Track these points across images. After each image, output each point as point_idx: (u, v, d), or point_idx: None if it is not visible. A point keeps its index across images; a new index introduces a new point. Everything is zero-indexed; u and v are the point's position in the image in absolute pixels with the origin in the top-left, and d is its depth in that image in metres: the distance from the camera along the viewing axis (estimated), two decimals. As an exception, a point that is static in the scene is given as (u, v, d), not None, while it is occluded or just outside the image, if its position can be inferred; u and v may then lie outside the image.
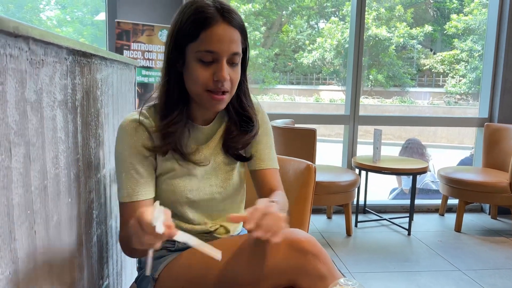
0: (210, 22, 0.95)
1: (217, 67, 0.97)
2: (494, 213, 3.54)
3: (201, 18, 0.96)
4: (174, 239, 0.82)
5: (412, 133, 10.11)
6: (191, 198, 1.09)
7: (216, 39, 0.95)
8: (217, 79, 0.97)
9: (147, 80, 2.94)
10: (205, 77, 0.97)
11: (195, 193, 1.09)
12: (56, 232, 0.81)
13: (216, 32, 0.95)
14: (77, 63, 0.93)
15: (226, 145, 1.12)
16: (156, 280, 1.08)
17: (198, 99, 1.02)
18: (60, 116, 0.82)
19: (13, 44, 0.61)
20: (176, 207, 1.10)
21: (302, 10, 13.78)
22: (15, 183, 0.62)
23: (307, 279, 0.93)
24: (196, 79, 0.98)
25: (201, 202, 1.10)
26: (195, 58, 0.97)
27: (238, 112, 1.11)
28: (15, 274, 0.63)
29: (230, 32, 0.97)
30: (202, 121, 1.10)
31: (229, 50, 0.97)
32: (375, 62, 13.59)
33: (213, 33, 0.95)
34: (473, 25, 12.61)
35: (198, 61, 0.97)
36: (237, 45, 0.99)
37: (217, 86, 0.98)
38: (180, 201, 1.08)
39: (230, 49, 0.97)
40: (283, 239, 0.96)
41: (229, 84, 0.99)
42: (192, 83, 1.00)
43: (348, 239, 3.00)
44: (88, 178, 1.05)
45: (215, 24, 0.96)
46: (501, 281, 2.38)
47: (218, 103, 1.00)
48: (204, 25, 0.96)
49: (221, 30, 0.96)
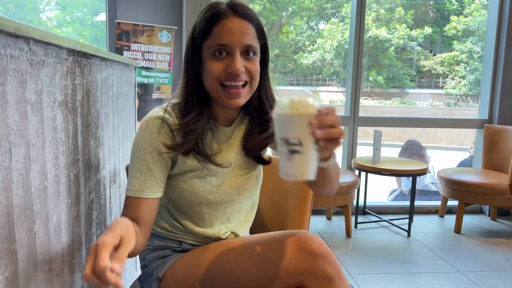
0: (221, 17, 0.96)
1: (230, 60, 0.96)
2: (494, 215, 3.54)
3: (213, 14, 0.97)
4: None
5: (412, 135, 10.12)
6: (210, 199, 1.08)
7: (227, 31, 0.95)
8: (231, 71, 0.95)
9: (147, 81, 2.94)
10: (218, 70, 0.96)
11: (214, 195, 1.08)
12: (56, 233, 0.81)
13: (228, 25, 0.96)
14: (78, 64, 0.93)
15: (246, 146, 1.10)
16: (161, 279, 1.08)
17: (215, 95, 1.00)
18: (60, 116, 0.82)
19: (14, 44, 0.60)
20: (194, 207, 1.09)
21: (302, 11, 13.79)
22: (15, 184, 0.62)
23: (315, 281, 0.93)
24: (210, 74, 0.98)
25: (219, 203, 1.10)
26: (210, 54, 0.98)
27: (259, 112, 1.08)
28: (14, 275, 0.63)
29: (242, 24, 0.97)
30: (224, 122, 1.09)
31: (241, 42, 0.96)
32: (375, 64, 13.60)
33: (224, 26, 0.96)
34: (472, 27, 12.62)
35: (212, 56, 0.97)
36: (250, 38, 0.97)
37: (231, 78, 0.96)
38: (199, 201, 1.08)
39: (242, 41, 0.96)
40: (292, 241, 0.96)
41: (246, 75, 0.98)
42: (208, 79, 0.99)
43: (348, 241, 3.00)
44: (88, 179, 1.05)
45: (226, 17, 0.96)
46: (501, 283, 2.38)
47: (235, 98, 0.98)
48: (216, 20, 0.96)
49: (232, 23, 0.96)
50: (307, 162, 0.77)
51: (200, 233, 1.11)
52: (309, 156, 0.76)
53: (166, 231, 1.14)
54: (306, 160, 0.76)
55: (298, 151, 0.75)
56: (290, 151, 0.75)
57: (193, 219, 1.11)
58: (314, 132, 0.74)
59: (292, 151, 0.75)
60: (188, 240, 1.13)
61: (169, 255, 1.12)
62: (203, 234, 1.11)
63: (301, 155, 0.75)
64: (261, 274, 0.96)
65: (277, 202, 1.37)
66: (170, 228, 1.14)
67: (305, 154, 0.76)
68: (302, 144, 0.75)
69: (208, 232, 1.11)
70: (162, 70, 2.97)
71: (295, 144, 0.75)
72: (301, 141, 0.75)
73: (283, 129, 0.76)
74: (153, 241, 1.16)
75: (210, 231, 1.11)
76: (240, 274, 0.98)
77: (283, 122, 0.76)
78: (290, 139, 0.75)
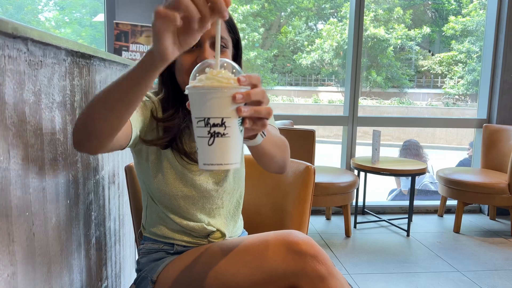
0: None
1: (200, 50, 0.97)
2: (493, 214, 3.54)
3: None
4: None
5: (411, 134, 10.13)
6: (187, 193, 1.09)
7: None
8: (200, 61, 0.94)
9: (145, 81, 2.93)
10: (189, 62, 0.97)
11: (191, 189, 1.09)
12: (55, 234, 0.80)
13: None
14: (76, 64, 0.93)
15: None
16: (155, 282, 1.08)
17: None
18: (58, 117, 0.81)
19: (12, 45, 0.60)
20: (171, 200, 1.10)
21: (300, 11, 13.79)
22: (13, 185, 0.62)
23: (307, 281, 0.93)
24: (180, 67, 0.99)
25: (196, 198, 1.10)
26: None
27: None
28: (13, 276, 0.62)
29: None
30: None
31: (209, 33, 0.96)
32: (374, 64, 13.61)
33: None
34: (470, 27, 12.63)
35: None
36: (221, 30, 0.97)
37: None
38: (175, 194, 1.08)
39: (210, 32, 0.95)
40: (280, 242, 0.96)
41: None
42: (179, 73, 1.00)
43: (347, 240, 3.00)
44: (87, 179, 1.05)
45: None
46: (500, 282, 2.38)
47: None
48: None
49: None
50: (231, 146, 0.64)
51: (185, 227, 1.11)
52: (234, 139, 0.64)
53: (158, 231, 1.14)
54: (231, 143, 0.63)
55: (220, 134, 0.62)
56: (210, 133, 0.62)
57: (174, 211, 1.12)
58: (240, 110, 0.63)
59: (213, 134, 0.62)
60: (179, 241, 1.13)
61: (162, 257, 1.12)
62: (186, 226, 1.11)
63: (224, 138, 0.63)
64: (251, 276, 0.97)
65: (276, 202, 1.37)
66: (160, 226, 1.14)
67: (229, 137, 0.63)
68: (225, 124, 0.62)
69: (190, 225, 1.11)
70: (161, 71, 2.97)
71: (217, 125, 0.62)
72: (224, 121, 0.62)
73: (202, 107, 0.62)
74: (146, 244, 1.16)
75: (192, 224, 1.12)
76: (231, 277, 0.99)
77: (200, 98, 0.62)
78: (210, 119, 0.62)
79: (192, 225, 1.12)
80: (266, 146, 0.88)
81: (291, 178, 1.36)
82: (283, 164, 1.02)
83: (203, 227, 1.12)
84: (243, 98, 0.63)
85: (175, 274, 1.06)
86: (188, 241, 1.14)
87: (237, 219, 1.23)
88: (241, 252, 1.00)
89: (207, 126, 0.62)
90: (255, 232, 1.11)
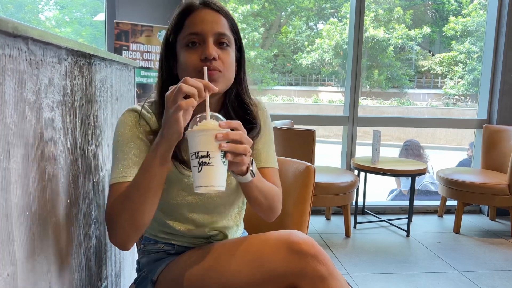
0: (193, 9, 1.00)
1: (203, 47, 0.97)
2: (493, 215, 3.54)
3: (185, 8, 1.00)
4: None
5: (411, 135, 10.13)
6: (190, 200, 1.08)
7: (199, 21, 0.98)
8: (205, 57, 0.96)
9: (146, 81, 2.93)
10: (193, 59, 0.97)
11: (194, 196, 1.07)
12: (55, 234, 0.80)
13: (199, 15, 0.99)
14: (76, 64, 0.93)
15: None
16: (155, 282, 1.08)
17: None
18: (59, 116, 0.81)
19: (12, 44, 0.60)
20: (176, 209, 1.09)
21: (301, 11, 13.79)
22: (13, 184, 0.61)
23: (307, 281, 0.93)
24: (185, 65, 0.98)
25: (200, 205, 1.09)
26: (183, 45, 0.99)
27: (238, 111, 1.08)
28: (13, 275, 0.62)
29: (213, 14, 1.00)
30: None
31: (213, 29, 0.98)
32: (374, 64, 13.60)
33: (196, 16, 0.99)
34: (471, 27, 12.64)
35: (185, 47, 0.99)
36: (222, 26, 0.99)
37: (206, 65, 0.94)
38: (179, 203, 1.07)
39: (213, 28, 0.98)
40: (281, 241, 0.96)
41: (219, 63, 0.97)
42: (183, 71, 0.99)
43: (347, 240, 3.00)
44: (87, 179, 1.05)
45: (197, 9, 1.00)
46: (499, 282, 2.38)
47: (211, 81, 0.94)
48: (188, 13, 1.00)
49: (203, 13, 0.99)
50: (214, 172, 0.82)
51: (186, 233, 1.11)
52: (217, 167, 0.82)
53: (158, 232, 1.14)
54: (214, 170, 0.82)
55: (206, 163, 0.82)
56: (199, 163, 0.82)
57: (177, 218, 1.11)
58: (221, 145, 0.82)
59: (201, 163, 0.82)
60: (179, 242, 1.13)
61: (162, 258, 1.12)
62: (189, 234, 1.11)
63: (209, 166, 0.82)
64: (251, 276, 0.96)
65: (277, 202, 1.37)
66: (161, 228, 1.13)
67: (213, 165, 0.82)
68: (209, 156, 0.82)
69: (193, 232, 1.11)
70: (161, 70, 2.96)
71: (204, 156, 0.82)
72: (209, 154, 0.82)
73: (194, 145, 0.83)
74: (146, 245, 1.16)
75: (195, 231, 1.11)
76: (232, 276, 0.98)
77: (193, 138, 0.83)
78: (199, 152, 0.82)
79: (194, 231, 1.11)
80: (253, 192, 1.00)
81: (291, 178, 1.36)
82: (269, 212, 1.10)
83: (205, 232, 1.12)
84: (223, 137, 0.82)
85: (176, 274, 1.06)
86: (189, 242, 1.14)
87: (239, 223, 1.22)
88: (242, 251, 1.00)
89: (197, 158, 0.82)
90: (255, 232, 1.11)
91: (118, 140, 1.00)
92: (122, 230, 0.92)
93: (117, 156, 0.99)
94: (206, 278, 1.00)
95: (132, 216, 0.91)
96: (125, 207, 0.91)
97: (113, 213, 0.93)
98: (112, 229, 0.94)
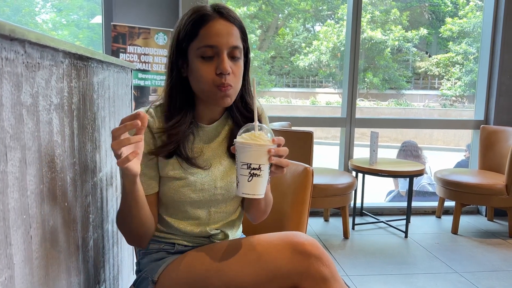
0: (208, 19, 0.99)
1: (218, 61, 0.99)
2: (491, 215, 3.55)
3: (199, 16, 1.00)
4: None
5: (408, 136, 10.15)
6: (194, 198, 1.09)
7: (214, 33, 0.98)
8: (220, 72, 0.98)
9: (143, 83, 2.93)
10: (209, 72, 0.99)
11: (198, 194, 1.09)
12: (52, 237, 0.80)
13: (214, 26, 0.99)
14: (74, 66, 0.93)
15: (230, 146, 1.11)
16: (156, 282, 1.08)
17: (206, 96, 1.03)
18: (56, 119, 0.81)
19: (9, 47, 0.60)
20: (179, 206, 1.10)
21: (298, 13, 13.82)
22: (10, 188, 0.61)
23: (310, 282, 0.93)
24: (200, 77, 1.00)
25: (203, 202, 1.10)
26: (197, 56, 1.00)
27: (243, 113, 1.11)
28: (10, 279, 0.62)
29: (228, 26, 1.00)
30: (207, 121, 1.11)
31: (228, 43, 0.99)
32: (371, 65, 13.63)
33: (211, 28, 0.99)
34: (467, 28, 12.69)
35: (200, 58, 1.00)
36: (236, 39, 1.01)
37: (221, 81, 0.99)
38: (183, 201, 1.08)
39: (229, 42, 0.99)
40: (285, 242, 0.97)
41: (232, 77, 1.00)
42: (198, 82, 1.01)
43: (345, 242, 3.00)
44: (85, 182, 1.04)
45: (212, 20, 0.99)
46: (498, 283, 2.38)
47: (226, 96, 1.01)
48: (202, 22, 0.99)
49: (218, 24, 0.99)
50: (262, 183, 0.92)
51: (187, 232, 1.11)
52: (264, 178, 0.92)
53: (158, 231, 1.14)
54: (262, 181, 0.92)
55: (257, 174, 0.90)
56: (250, 174, 0.90)
57: (178, 216, 1.12)
58: (271, 159, 0.90)
59: (253, 174, 0.90)
60: (180, 241, 1.13)
61: (163, 257, 1.12)
62: (190, 232, 1.12)
63: (259, 178, 0.91)
64: (255, 275, 0.97)
65: (275, 203, 1.37)
66: (161, 227, 1.14)
67: (262, 177, 0.91)
68: (261, 168, 0.90)
69: (195, 231, 1.12)
70: (159, 73, 2.96)
71: (256, 168, 0.90)
72: (260, 166, 0.90)
73: (247, 156, 0.90)
74: (146, 245, 1.16)
75: (196, 229, 1.12)
76: (235, 276, 0.99)
77: (246, 150, 0.90)
78: (252, 164, 0.90)
79: (196, 230, 1.12)
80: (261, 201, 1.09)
81: (289, 180, 1.36)
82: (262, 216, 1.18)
83: (206, 231, 1.12)
84: (274, 152, 0.91)
85: (177, 273, 1.05)
86: (189, 241, 1.14)
87: (239, 223, 1.24)
88: (246, 251, 1.01)
89: (248, 169, 0.90)
90: (253, 234, 1.10)
91: None
92: (131, 236, 1.08)
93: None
94: (210, 278, 1.00)
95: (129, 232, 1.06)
96: (124, 222, 1.04)
97: (118, 224, 1.08)
98: (124, 235, 1.09)
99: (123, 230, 1.08)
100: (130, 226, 1.04)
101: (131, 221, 1.02)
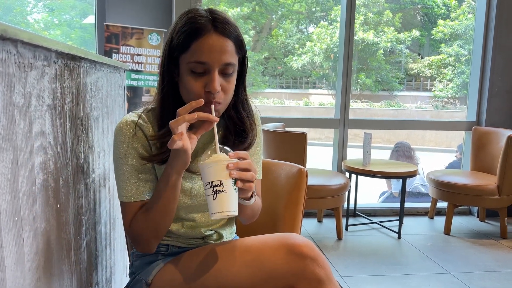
0: (201, 33, 0.95)
1: (208, 78, 0.96)
2: (483, 216, 3.58)
3: (193, 29, 0.95)
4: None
5: (401, 137, 10.19)
6: (188, 203, 1.09)
7: (206, 49, 0.95)
8: (208, 90, 0.96)
9: (136, 84, 2.92)
10: (197, 89, 0.97)
11: (193, 199, 1.09)
12: (45, 239, 0.79)
13: (207, 42, 0.95)
14: (66, 67, 0.92)
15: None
16: (150, 285, 1.07)
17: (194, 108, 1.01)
18: (48, 120, 0.80)
19: (1, 47, 0.59)
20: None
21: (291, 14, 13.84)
22: (2, 189, 0.60)
23: (305, 284, 0.93)
24: (188, 91, 0.98)
25: (197, 206, 1.10)
26: (187, 70, 0.97)
27: (235, 121, 1.09)
28: (2, 282, 0.61)
29: (222, 42, 0.95)
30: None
31: (220, 60, 0.95)
32: (364, 67, 13.69)
33: (204, 43, 0.95)
34: (459, 30, 12.78)
35: (190, 72, 0.97)
36: (230, 55, 0.97)
37: (209, 98, 0.97)
38: (178, 206, 1.08)
39: (221, 59, 0.95)
40: (281, 243, 0.97)
41: (221, 95, 0.98)
42: (187, 94, 1.00)
43: (339, 243, 3.01)
44: (77, 183, 1.03)
45: (206, 34, 0.95)
46: (490, 283, 2.40)
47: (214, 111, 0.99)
48: (195, 35, 0.95)
49: (212, 40, 0.95)
50: (228, 198, 0.90)
51: (182, 233, 1.11)
52: (230, 194, 0.90)
53: None
54: (228, 197, 0.90)
55: (220, 191, 0.90)
56: (214, 191, 0.90)
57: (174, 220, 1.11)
58: (231, 173, 0.89)
59: (216, 191, 0.90)
60: (173, 242, 1.13)
61: (157, 259, 1.11)
62: (184, 234, 1.12)
63: (223, 194, 0.90)
64: (251, 277, 0.97)
65: (269, 205, 1.37)
66: None
67: (226, 193, 0.90)
68: (222, 184, 0.90)
69: (189, 232, 1.12)
70: (152, 73, 2.95)
71: (217, 185, 0.90)
72: (222, 182, 0.90)
73: (207, 175, 0.91)
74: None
75: (191, 231, 1.12)
76: (230, 277, 0.98)
77: (207, 169, 0.91)
78: (213, 182, 0.90)
79: (190, 232, 1.12)
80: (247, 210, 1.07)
81: (283, 181, 1.36)
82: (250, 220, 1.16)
83: (200, 232, 1.12)
84: (233, 166, 0.90)
85: (172, 275, 1.05)
86: (183, 242, 1.13)
87: (233, 223, 1.24)
88: (242, 252, 1.00)
89: (211, 187, 0.90)
90: (247, 235, 1.10)
91: (119, 155, 1.03)
92: (147, 241, 1.04)
93: (123, 176, 1.03)
94: (205, 279, 1.00)
95: (155, 230, 1.02)
96: (149, 225, 1.01)
97: (137, 229, 1.03)
98: (137, 242, 1.05)
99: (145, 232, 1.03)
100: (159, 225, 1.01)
101: (164, 218, 1.01)
